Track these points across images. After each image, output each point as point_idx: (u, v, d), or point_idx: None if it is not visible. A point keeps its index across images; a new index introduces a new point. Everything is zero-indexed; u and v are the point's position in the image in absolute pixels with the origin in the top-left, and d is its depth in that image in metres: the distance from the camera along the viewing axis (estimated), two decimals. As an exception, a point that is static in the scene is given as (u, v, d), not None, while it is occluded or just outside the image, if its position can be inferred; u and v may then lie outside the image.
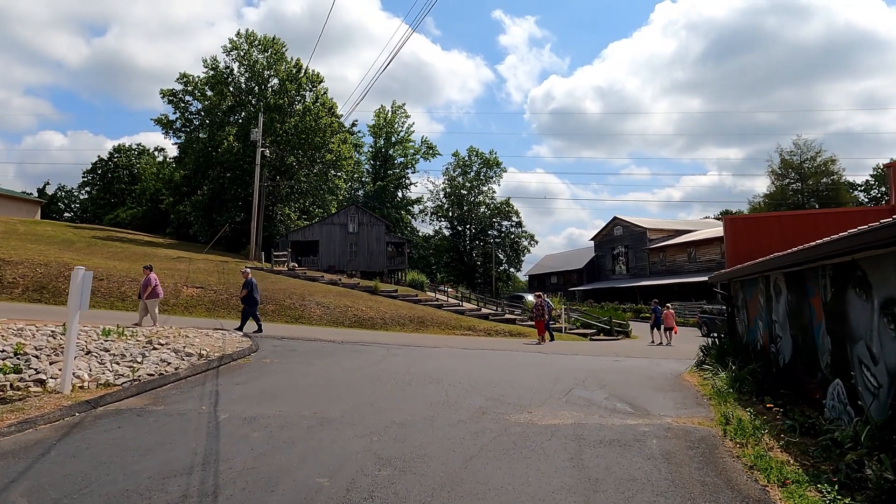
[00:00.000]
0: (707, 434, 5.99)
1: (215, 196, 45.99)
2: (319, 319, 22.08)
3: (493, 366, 11.69)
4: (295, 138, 45.44)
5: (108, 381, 8.53)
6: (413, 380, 9.48)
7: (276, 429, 6.33)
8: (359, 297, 26.45)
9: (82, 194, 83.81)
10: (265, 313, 21.81)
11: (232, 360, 11.14)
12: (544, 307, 20.35)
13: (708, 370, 9.78)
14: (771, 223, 11.62)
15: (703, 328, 26.05)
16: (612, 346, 20.47)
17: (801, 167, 32.80)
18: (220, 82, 48.35)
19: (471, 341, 18.97)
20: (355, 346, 14.19)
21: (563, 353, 15.75)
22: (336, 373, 10.04)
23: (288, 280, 28.48)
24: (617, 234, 61.34)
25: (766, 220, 11.95)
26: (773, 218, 12.19)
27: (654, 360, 15.28)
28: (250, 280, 15.64)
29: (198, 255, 33.92)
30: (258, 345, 13.02)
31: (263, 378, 9.42)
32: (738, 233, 11.91)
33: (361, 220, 44.50)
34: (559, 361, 13.31)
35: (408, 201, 71.52)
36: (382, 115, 69.17)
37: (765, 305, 9.34)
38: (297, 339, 14.49)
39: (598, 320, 26.98)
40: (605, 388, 9.07)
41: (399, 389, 8.68)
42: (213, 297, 22.45)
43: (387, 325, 22.71)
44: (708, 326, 25.45)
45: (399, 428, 6.39)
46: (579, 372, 10.96)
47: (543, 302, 20.71)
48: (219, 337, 12.97)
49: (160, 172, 68.66)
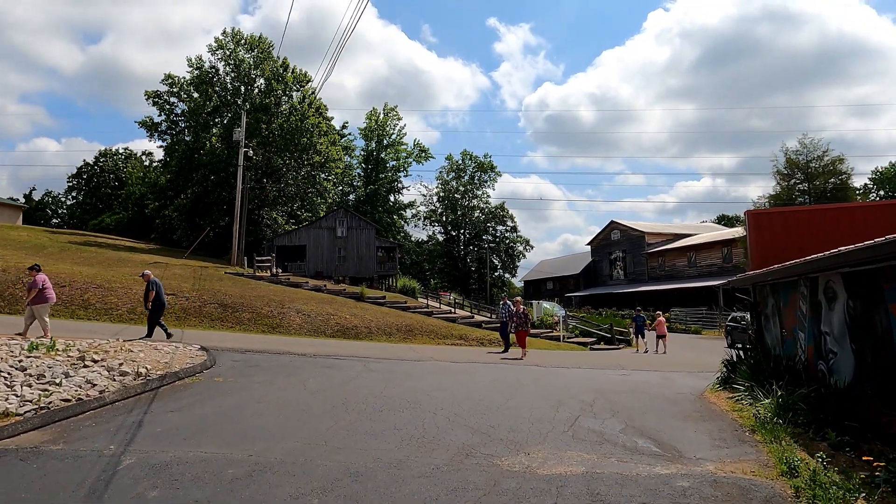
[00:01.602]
0: (771, 493, 4.38)
1: (199, 199, 44.25)
2: (299, 328, 20.44)
3: (484, 384, 10.06)
4: (281, 139, 43.78)
5: (8, 409, 6.87)
6: (386, 405, 7.85)
7: (188, 483, 4.69)
8: (343, 304, 24.79)
9: (69, 200, 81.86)
10: (240, 322, 20.20)
11: (177, 378, 9.49)
12: (527, 315, 17.31)
13: (739, 390, 8.18)
14: (807, 217, 10.04)
15: (728, 338, 24.14)
16: (616, 357, 18.87)
17: (808, 167, 31.39)
18: (205, 82, 46.69)
19: (461, 353, 17.33)
20: (329, 360, 12.53)
21: (563, 367, 14.13)
22: (296, 396, 8.39)
23: (269, 286, 26.78)
24: (614, 239, 59.85)
25: (800, 215, 10.37)
26: (811, 211, 10.59)
27: (666, 373, 13.69)
28: (153, 281, 14.02)
29: (176, 261, 32.18)
30: (215, 360, 11.36)
31: (206, 403, 7.78)
32: (765, 229, 10.35)
33: (350, 223, 42.80)
34: (560, 378, 11.69)
35: (400, 205, 69.85)
36: (374, 118, 67.53)
37: (809, 314, 7.77)
38: (263, 353, 12.83)
39: (599, 328, 25.38)
40: (618, 414, 7.46)
41: (366, 418, 7.05)
42: (185, 304, 20.78)
43: (372, 335, 21.07)
44: (731, 336, 23.56)
45: (353, 481, 4.77)
46: (585, 392, 9.35)
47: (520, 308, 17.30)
48: (169, 351, 11.30)
49: (146, 176, 66.80)
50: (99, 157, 77.14)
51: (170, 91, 48.27)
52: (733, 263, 43.04)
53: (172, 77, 48.19)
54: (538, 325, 26.49)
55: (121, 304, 19.80)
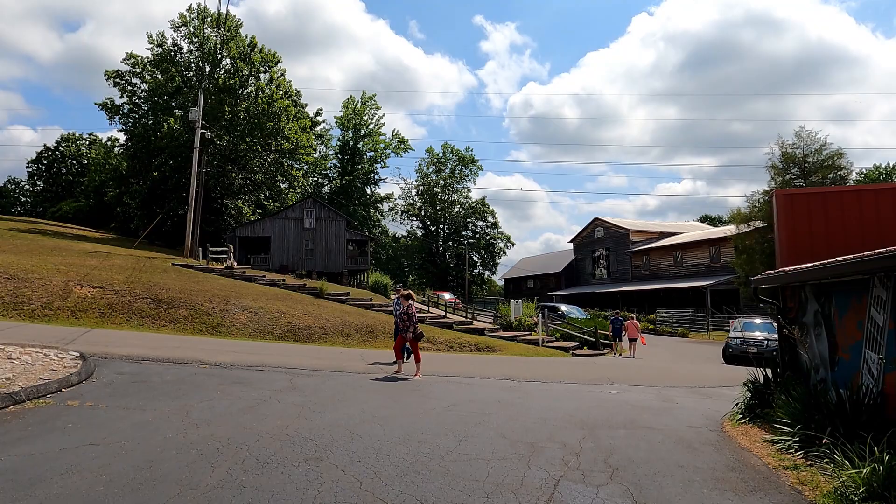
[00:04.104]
0: None
1: (156, 186, 41.15)
2: (243, 329, 17.84)
3: (436, 414, 7.58)
4: (247, 123, 40.82)
5: None
6: (279, 454, 5.34)
7: None
8: (299, 301, 22.18)
9: (36, 186, 77.40)
10: (174, 320, 17.58)
11: (13, 402, 6.90)
12: (411, 315, 11.58)
13: (782, 432, 5.84)
14: (856, 200, 7.74)
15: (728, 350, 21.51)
16: (602, 367, 16.54)
17: (805, 161, 29.40)
18: (167, 60, 43.48)
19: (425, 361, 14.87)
20: (248, 372, 9.97)
21: (541, 381, 11.73)
22: (158, 434, 5.85)
23: (218, 280, 24.06)
24: (598, 236, 57.79)
25: (849, 197, 8.04)
26: (863, 192, 8.23)
27: (662, 390, 11.36)
28: None
29: (123, 251, 29.25)
30: (93, 372, 8.76)
31: (18, 446, 5.23)
32: (801, 215, 8.06)
33: (319, 214, 39.99)
34: (537, 399, 9.27)
35: (377, 198, 66.92)
36: (351, 106, 64.50)
37: (888, 326, 5.44)
38: (166, 362, 10.22)
39: (582, 331, 23.09)
40: (618, 475, 5.05)
41: (234, 485, 4.54)
42: (113, 299, 18.07)
43: (327, 337, 18.55)
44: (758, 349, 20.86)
45: None
46: (568, 427, 6.94)
47: (408, 304, 11.71)
48: (30, 360, 8.65)
49: (108, 163, 63.11)
50: (60, 141, 73.07)
51: (132, 71, 45.00)
52: (721, 263, 41.14)
53: (135, 57, 44.91)
54: (516, 328, 24.15)
55: (35, 297, 17.05)
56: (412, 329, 11.46)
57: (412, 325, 11.49)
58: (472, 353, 17.82)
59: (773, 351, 19.67)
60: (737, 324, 22.70)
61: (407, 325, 11.46)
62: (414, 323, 11.55)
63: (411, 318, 11.51)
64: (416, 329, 11.54)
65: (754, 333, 20.97)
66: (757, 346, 20.09)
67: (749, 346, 20.30)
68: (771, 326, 20.88)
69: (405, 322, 11.50)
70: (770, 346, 19.49)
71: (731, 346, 20.79)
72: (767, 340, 19.89)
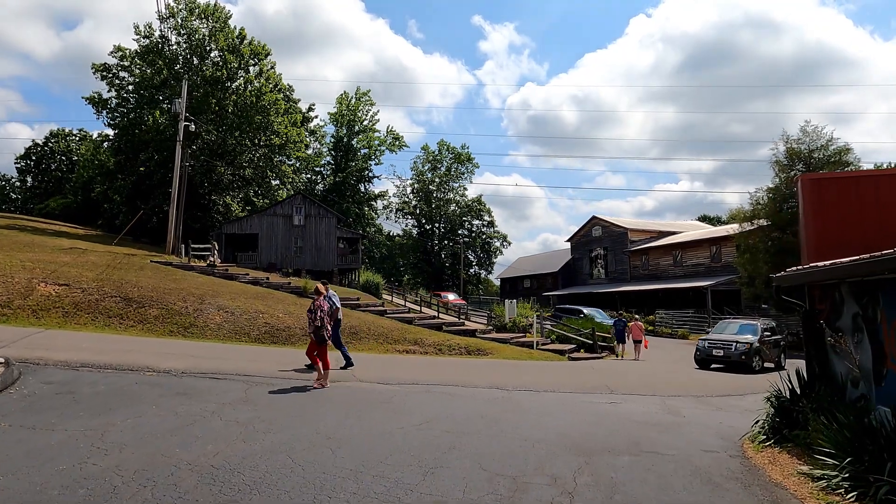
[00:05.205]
0: None
1: (141, 181, 39.89)
2: (217, 330, 16.66)
3: (404, 433, 6.42)
4: (235, 117, 39.59)
5: None
6: (185, 497, 4.17)
7: None
8: (280, 300, 20.98)
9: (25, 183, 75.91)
10: (144, 320, 16.39)
11: None
12: (325, 312, 9.69)
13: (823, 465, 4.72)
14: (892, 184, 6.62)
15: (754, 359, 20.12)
16: (600, 373, 15.39)
17: (811, 157, 28.31)
18: (154, 52, 42.21)
19: (406, 366, 13.74)
20: (198, 380, 8.80)
21: (533, 390, 10.58)
22: (56, 466, 4.68)
23: (197, 278, 22.85)
24: (595, 235, 56.64)
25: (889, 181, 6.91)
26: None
27: (667, 400, 10.23)
28: None
29: (101, 247, 28.04)
30: (15, 381, 7.59)
31: None
32: (830, 203, 6.94)
33: (309, 211, 38.75)
34: (526, 414, 8.11)
35: (371, 195, 65.68)
36: (345, 102, 63.21)
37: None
38: (108, 369, 9.03)
39: (579, 333, 21.95)
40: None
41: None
42: (79, 297, 16.88)
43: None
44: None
45: None
46: (561, 453, 5.79)
47: (325, 302, 10.00)
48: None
49: (96, 158, 61.75)
50: (49, 137, 71.69)
51: (119, 64, 43.71)
52: (722, 263, 40.05)
53: (123, 50, 43.63)
54: (510, 329, 22.99)
55: (-8, 295, 15.87)
56: (312, 329, 9.38)
57: (312, 324, 9.39)
58: (460, 357, 16.66)
59: (742, 354, 18.42)
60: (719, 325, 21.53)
61: (310, 321, 9.43)
62: (315, 322, 9.36)
63: (315, 314, 9.40)
64: (319, 330, 9.35)
65: (723, 336, 19.56)
66: (724, 348, 18.65)
67: (715, 348, 18.89)
68: (752, 328, 19.61)
69: (310, 319, 9.47)
70: (739, 350, 18.34)
71: (699, 349, 19.39)
72: (736, 343, 18.47)
